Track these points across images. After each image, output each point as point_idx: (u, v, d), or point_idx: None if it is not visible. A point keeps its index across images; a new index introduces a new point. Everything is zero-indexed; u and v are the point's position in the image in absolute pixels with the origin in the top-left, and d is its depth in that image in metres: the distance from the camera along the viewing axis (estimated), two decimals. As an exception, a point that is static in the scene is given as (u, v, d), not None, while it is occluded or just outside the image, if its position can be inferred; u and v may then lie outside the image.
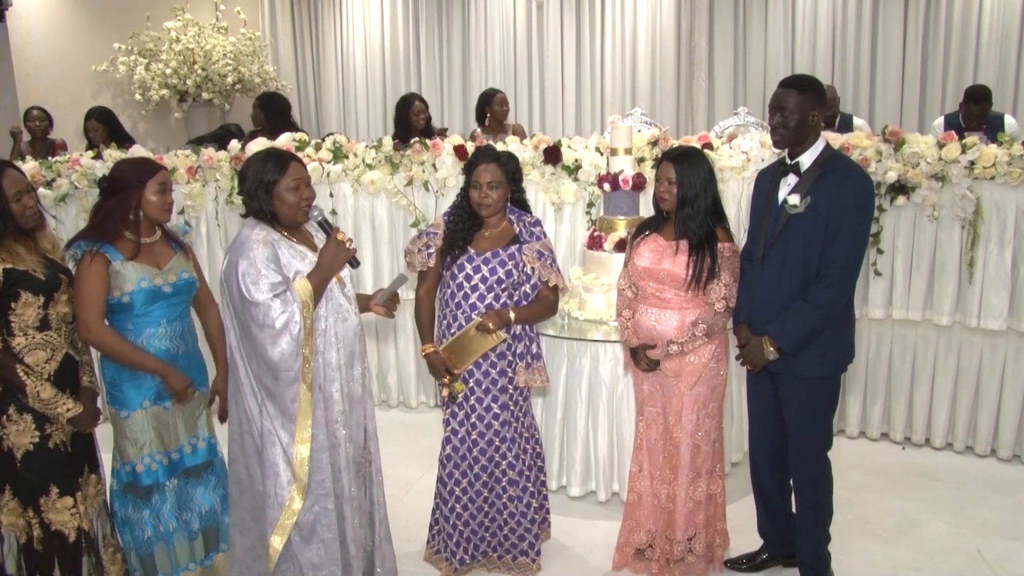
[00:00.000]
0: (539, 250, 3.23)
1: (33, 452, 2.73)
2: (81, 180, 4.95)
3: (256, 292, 2.59)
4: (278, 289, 2.62)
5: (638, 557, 3.41)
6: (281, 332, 2.61)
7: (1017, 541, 3.64)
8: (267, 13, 9.39)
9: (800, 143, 2.95)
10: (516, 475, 3.29)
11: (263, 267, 2.63)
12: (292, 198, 2.73)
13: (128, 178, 2.84)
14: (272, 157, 2.75)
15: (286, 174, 2.72)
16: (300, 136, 5.09)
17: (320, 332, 2.76)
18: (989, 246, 4.23)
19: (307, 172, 2.81)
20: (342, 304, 2.83)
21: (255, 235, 2.69)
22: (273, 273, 2.64)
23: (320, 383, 2.77)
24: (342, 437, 2.83)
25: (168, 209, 2.91)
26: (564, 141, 4.73)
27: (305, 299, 2.65)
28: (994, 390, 4.40)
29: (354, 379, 2.89)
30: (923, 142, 4.27)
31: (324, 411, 2.79)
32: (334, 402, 2.80)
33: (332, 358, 2.79)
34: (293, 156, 2.80)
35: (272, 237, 2.72)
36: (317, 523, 2.80)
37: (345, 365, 2.84)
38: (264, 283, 2.61)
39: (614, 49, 8.55)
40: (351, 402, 2.88)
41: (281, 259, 2.70)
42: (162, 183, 2.86)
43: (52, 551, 2.80)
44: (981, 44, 7.37)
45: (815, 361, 2.97)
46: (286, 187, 2.71)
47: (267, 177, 2.71)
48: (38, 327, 2.72)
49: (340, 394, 2.81)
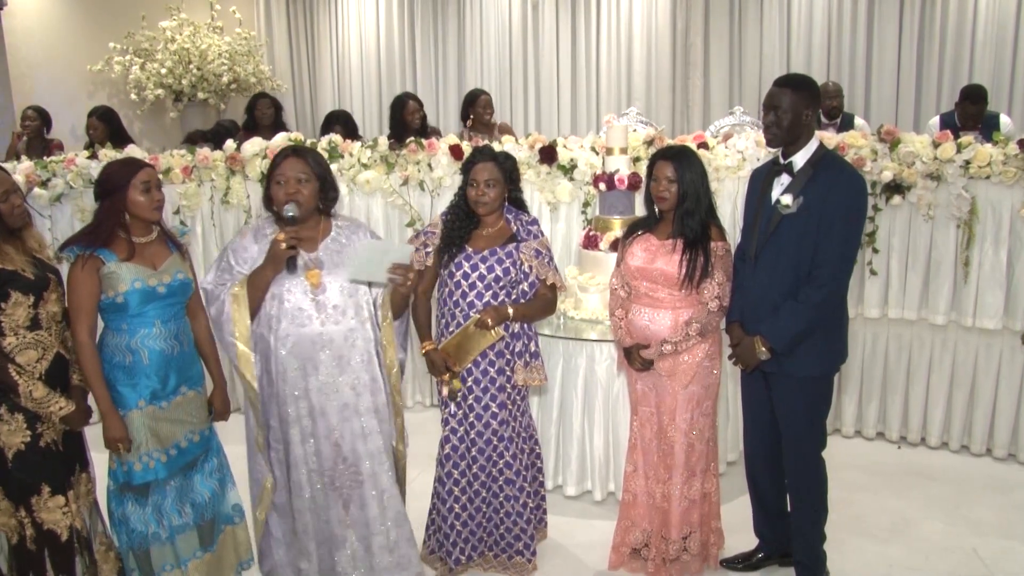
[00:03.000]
0: (536, 248, 3.23)
1: (24, 451, 2.72)
2: (76, 180, 4.94)
3: (207, 276, 2.89)
4: (223, 279, 2.81)
5: (634, 556, 3.40)
6: (215, 321, 2.82)
7: (1012, 540, 3.65)
8: (262, 13, 9.38)
9: (793, 142, 2.95)
10: (513, 474, 3.28)
11: (230, 257, 2.87)
12: (277, 192, 2.87)
13: (113, 180, 2.85)
14: (282, 151, 2.93)
15: (277, 168, 2.87)
16: (295, 136, 5.09)
17: (272, 331, 2.82)
18: (984, 245, 4.24)
19: (296, 169, 2.88)
20: (303, 309, 2.83)
21: (250, 224, 2.83)
22: (231, 264, 2.84)
23: (275, 380, 2.85)
24: (296, 440, 2.87)
25: (157, 207, 2.88)
26: (560, 140, 4.72)
27: (235, 292, 2.77)
28: (989, 389, 4.40)
29: (313, 389, 2.87)
30: (918, 141, 4.27)
31: (279, 407, 2.88)
32: (286, 404, 2.85)
33: (284, 358, 2.83)
34: (296, 150, 2.91)
35: (267, 231, 2.84)
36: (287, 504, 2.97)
37: (298, 371, 2.85)
38: (213, 272, 2.87)
39: (610, 48, 8.55)
40: (312, 411, 2.88)
41: (251, 252, 2.85)
42: (145, 182, 2.83)
43: (44, 550, 2.79)
44: (976, 44, 7.38)
45: (807, 361, 2.97)
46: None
47: (270, 170, 2.89)
48: (28, 327, 2.71)
49: (292, 397, 2.85)
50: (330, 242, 2.94)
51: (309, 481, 2.93)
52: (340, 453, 2.93)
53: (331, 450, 2.92)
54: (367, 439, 2.97)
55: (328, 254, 2.91)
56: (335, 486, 2.95)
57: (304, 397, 2.87)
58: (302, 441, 2.90)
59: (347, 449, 2.94)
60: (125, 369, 2.85)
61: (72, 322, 2.79)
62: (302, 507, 2.96)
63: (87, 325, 2.79)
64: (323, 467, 2.92)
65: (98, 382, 2.81)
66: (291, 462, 2.92)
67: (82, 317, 2.78)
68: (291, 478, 2.95)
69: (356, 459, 2.96)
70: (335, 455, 2.93)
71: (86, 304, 2.78)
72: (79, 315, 2.78)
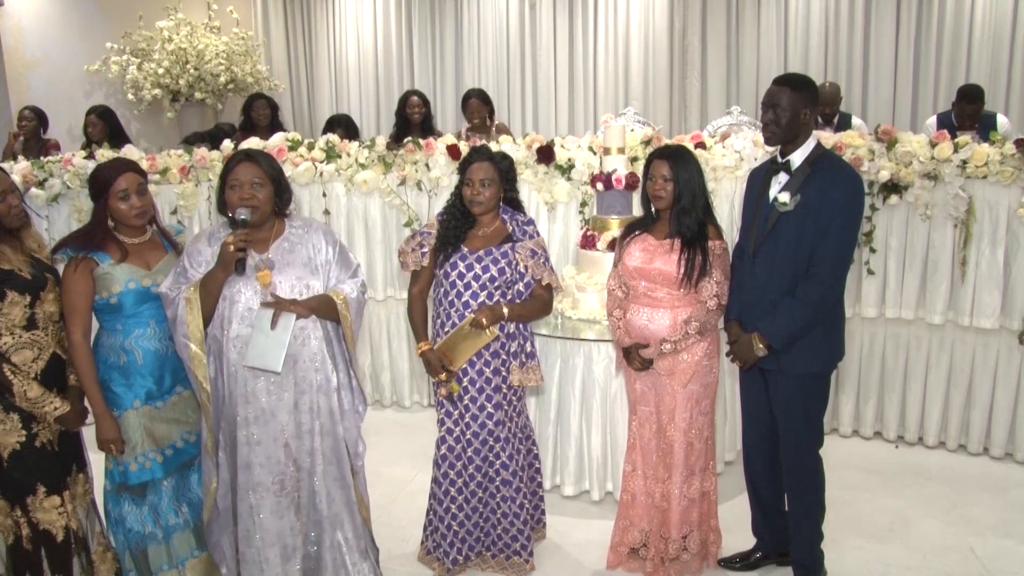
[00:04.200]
0: (532, 248, 3.23)
1: (20, 451, 2.72)
2: (73, 180, 4.94)
3: (165, 280, 2.86)
4: (179, 282, 2.81)
5: (632, 556, 3.41)
6: (172, 323, 2.80)
7: (1009, 539, 3.65)
8: (260, 13, 9.37)
9: (791, 141, 2.97)
10: (510, 475, 3.28)
11: (185, 260, 2.86)
12: (231, 196, 2.85)
13: (96, 185, 2.87)
14: (234, 155, 2.93)
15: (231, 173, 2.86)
16: (293, 136, 5.09)
17: (223, 332, 2.81)
18: (981, 245, 4.24)
19: (250, 174, 2.85)
20: (253, 309, 2.80)
21: (210, 227, 2.90)
22: (187, 267, 2.84)
23: (226, 381, 2.84)
24: (243, 442, 2.85)
25: (138, 215, 2.86)
26: (557, 140, 4.72)
27: (188, 295, 2.77)
28: (986, 388, 4.40)
29: (262, 391, 2.83)
30: (916, 141, 4.28)
31: (229, 408, 2.86)
32: (236, 405, 2.83)
33: (235, 359, 2.82)
34: (248, 155, 2.91)
35: (221, 234, 2.86)
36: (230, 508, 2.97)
37: (249, 372, 2.82)
38: (171, 277, 2.84)
39: (607, 48, 8.56)
40: (263, 414, 2.85)
41: (205, 255, 2.85)
42: (123, 189, 2.82)
43: (41, 551, 2.79)
44: (973, 43, 7.39)
45: (804, 358, 2.98)
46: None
47: (223, 175, 2.89)
48: (25, 326, 2.71)
49: (242, 399, 2.83)
50: (282, 242, 2.91)
51: (256, 489, 2.87)
52: (290, 455, 2.89)
53: (281, 452, 2.87)
54: (317, 439, 2.92)
55: (279, 254, 2.87)
56: (285, 490, 2.89)
57: (254, 399, 2.82)
58: (248, 443, 2.85)
59: (296, 451, 2.90)
60: (120, 369, 2.86)
61: (67, 323, 2.80)
62: (244, 512, 2.89)
63: (81, 326, 2.79)
64: (273, 472, 2.87)
65: (91, 383, 2.80)
66: (239, 464, 2.87)
67: (76, 318, 2.78)
68: (238, 480, 2.89)
69: (306, 461, 2.92)
70: (285, 457, 2.88)
71: (80, 305, 2.78)
72: (73, 316, 2.78)
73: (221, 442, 2.91)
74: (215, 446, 2.91)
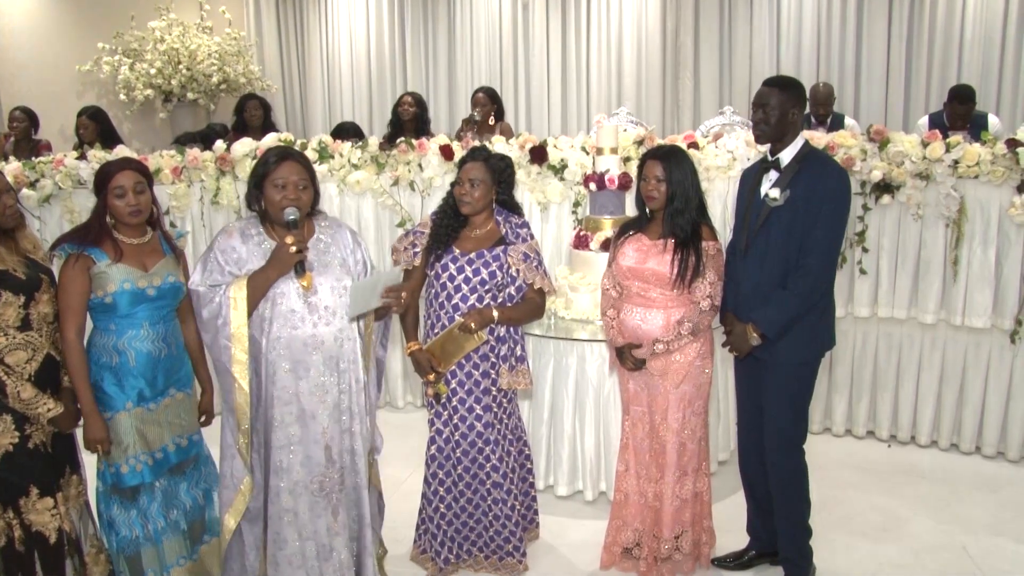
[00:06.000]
0: (524, 252, 3.23)
1: (13, 453, 2.70)
2: (65, 181, 4.91)
3: (194, 277, 2.78)
4: (215, 281, 2.75)
5: (625, 556, 3.41)
6: (206, 323, 2.76)
7: (1001, 537, 3.67)
8: (252, 13, 9.33)
9: (780, 139, 3.05)
10: (500, 477, 3.28)
11: (218, 257, 2.78)
12: (276, 195, 2.78)
13: (96, 182, 2.87)
14: (273, 151, 2.84)
15: (275, 171, 2.78)
16: (285, 136, 5.08)
17: (264, 333, 2.78)
18: (973, 244, 4.26)
19: (297, 174, 2.80)
20: (295, 310, 2.78)
21: (234, 224, 2.82)
22: (221, 265, 2.77)
23: (263, 383, 2.81)
24: (279, 445, 2.83)
25: (133, 212, 2.84)
26: (550, 140, 4.72)
27: (234, 295, 2.72)
28: (978, 388, 4.42)
29: (304, 392, 2.82)
30: (907, 141, 4.29)
31: (264, 410, 2.82)
32: (272, 407, 2.81)
33: (274, 360, 2.79)
34: (291, 154, 2.84)
35: (253, 232, 2.82)
36: (260, 509, 2.91)
37: (289, 373, 2.80)
38: (200, 273, 2.77)
39: (600, 48, 8.56)
40: (303, 415, 2.83)
41: (240, 253, 2.80)
42: (120, 186, 2.81)
43: (34, 552, 2.77)
44: (964, 44, 7.42)
45: (792, 347, 3.05)
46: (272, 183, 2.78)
47: (260, 170, 2.81)
48: (19, 327, 2.69)
49: (281, 401, 2.81)
50: (316, 242, 2.90)
51: (293, 491, 2.85)
52: (330, 456, 2.88)
53: (321, 454, 2.86)
54: (356, 441, 2.93)
55: (316, 255, 2.87)
56: (324, 491, 2.88)
57: (294, 400, 2.81)
58: (288, 446, 2.83)
59: (336, 452, 2.89)
60: (112, 370, 2.84)
61: (61, 320, 2.78)
62: (275, 514, 2.87)
63: (75, 324, 2.78)
64: (312, 473, 2.85)
65: (82, 382, 2.79)
66: (272, 468, 2.85)
67: (71, 316, 2.77)
68: (269, 484, 2.87)
69: (347, 462, 2.92)
70: (326, 459, 2.87)
71: (75, 303, 2.77)
72: (68, 314, 2.77)
73: (254, 443, 2.88)
74: (248, 447, 2.86)
